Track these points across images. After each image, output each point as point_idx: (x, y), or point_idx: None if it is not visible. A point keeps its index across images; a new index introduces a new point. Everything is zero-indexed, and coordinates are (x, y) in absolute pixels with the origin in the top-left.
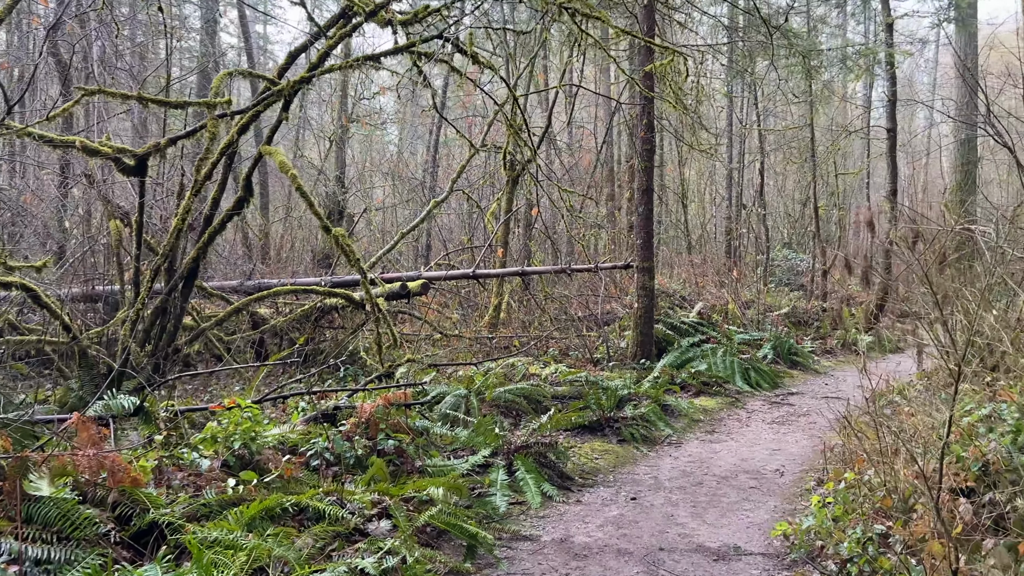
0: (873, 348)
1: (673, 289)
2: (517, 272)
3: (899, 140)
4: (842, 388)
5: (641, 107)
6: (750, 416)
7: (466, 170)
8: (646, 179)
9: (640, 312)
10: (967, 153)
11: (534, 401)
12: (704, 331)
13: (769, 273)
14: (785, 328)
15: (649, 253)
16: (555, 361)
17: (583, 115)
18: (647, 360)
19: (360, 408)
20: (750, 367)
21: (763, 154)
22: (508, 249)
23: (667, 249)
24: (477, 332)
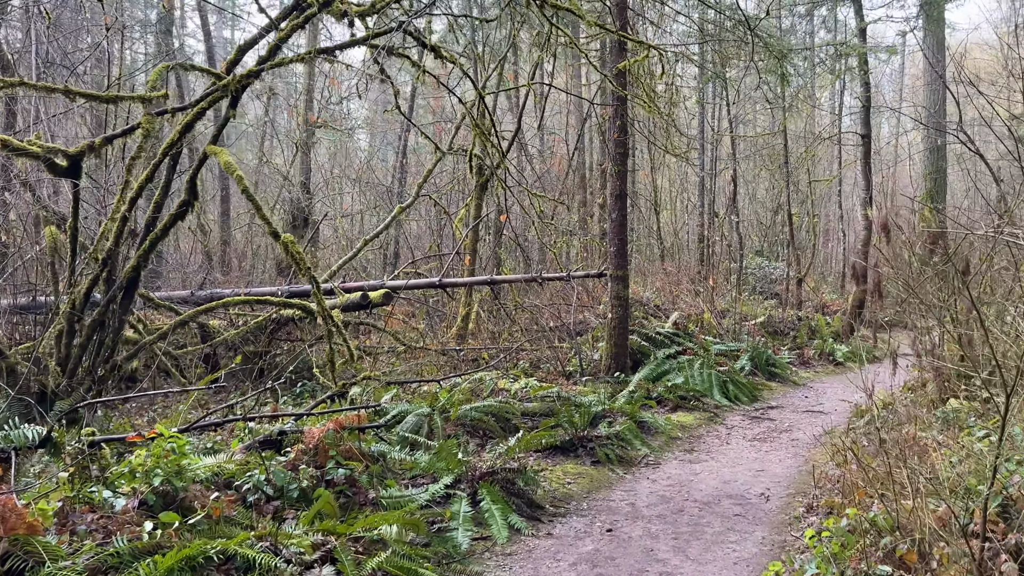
0: (851, 358)
1: (647, 298)
2: (486, 281)
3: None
4: (823, 402)
5: (614, 108)
6: (730, 433)
7: (434, 175)
8: (619, 183)
9: (614, 323)
10: (936, 161)
11: (503, 419)
12: (680, 342)
13: (743, 281)
14: (762, 338)
15: (623, 261)
16: (525, 375)
17: (554, 121)
18: (622, 373)
19: (308, 433)
20: (728, 380)
21: (735, 161)
22: (477, 257)
23: (640, 257)
24: (444, 344)
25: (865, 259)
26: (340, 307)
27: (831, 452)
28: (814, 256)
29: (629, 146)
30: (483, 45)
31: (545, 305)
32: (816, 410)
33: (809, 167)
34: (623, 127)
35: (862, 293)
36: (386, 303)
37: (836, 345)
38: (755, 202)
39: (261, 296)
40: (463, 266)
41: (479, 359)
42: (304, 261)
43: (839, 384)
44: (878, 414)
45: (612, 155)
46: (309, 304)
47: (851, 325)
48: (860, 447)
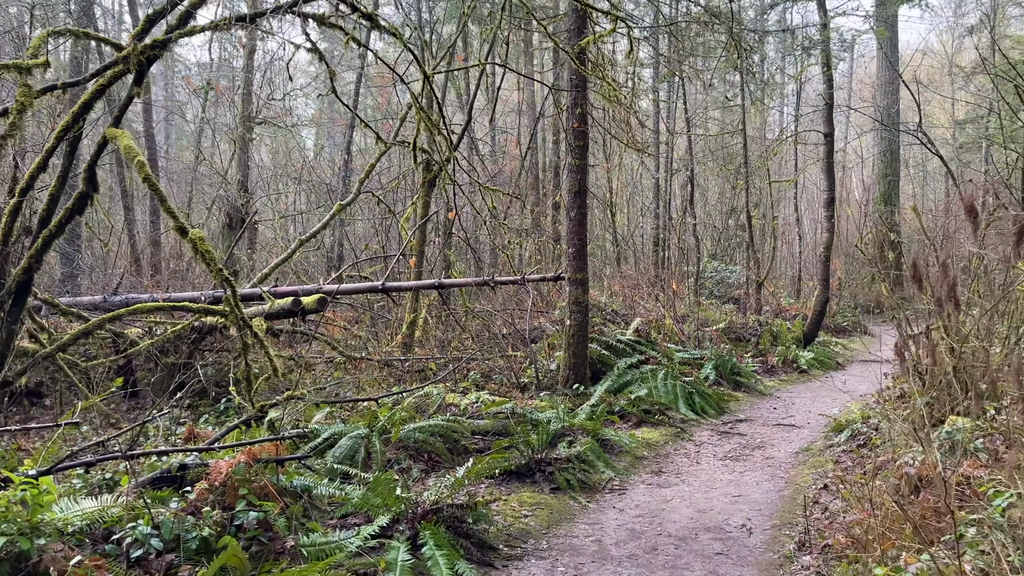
0: (815, 365)
1: (604, 303)
2: (433, 285)
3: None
4: (793, 413)
5: (572, 97)
6: (699, 450)
7: (380, 172)
8: (578, 179)
9: (573, 330)
10: (890, 164)
11: (451, 440)
12: (642, 350)
13: (700, 286)
14: (726, 345)
15: (583, 263)
16: (476, 387)
17: (506, 121)
18: (581, 384)
19: (214, 468)
20: (694, 391)
21: (693, 161)
22: (425, 259)
23: (595, 260)
24: (388, 354)
25: (827, 263)
26: (269, 314)
27: (813, 472)
28: (774, 259)
29: (588, 139)
30: (431, 31)
31: (497, 311)
32: (788, 423)
33: (768, 168)
34: (583, 115)
35: (824, 297)
36: (321, 309)
37: (800, 352)
38: (708, 205)
39: (179, 302)
40: (409, 269)
41: (426, 370)
42: (215, 262)
43: (807, 393)
44: (855, 429)
45: (570, 147)
46: (248, 310)
47: (813, 331)
48: (878, 490)
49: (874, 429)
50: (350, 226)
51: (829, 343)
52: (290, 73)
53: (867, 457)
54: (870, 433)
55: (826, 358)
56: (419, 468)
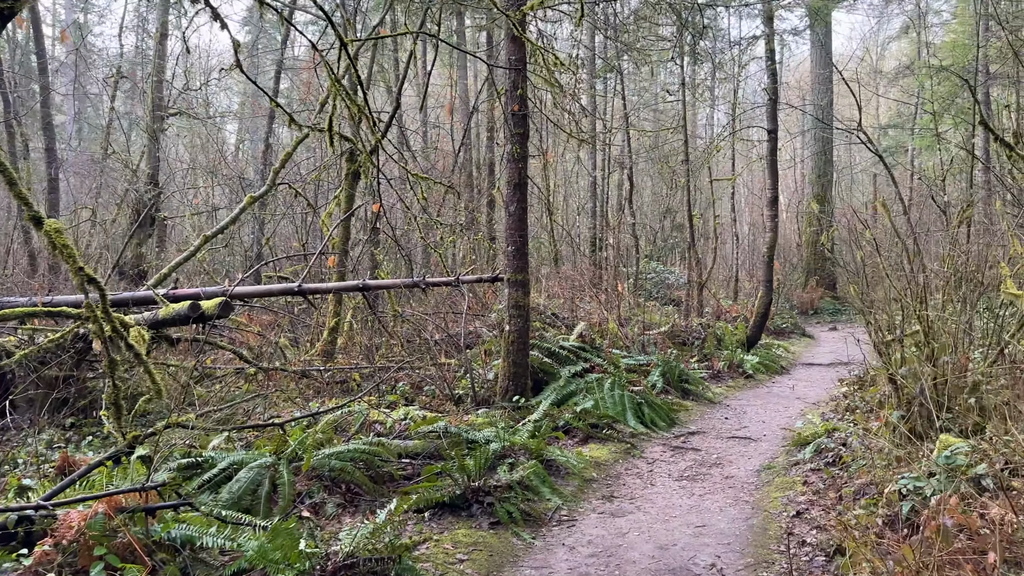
0: (760, 370)
1: (543, 305)
2: (357, 287)
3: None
4: (746, 424)
5: (512, 78)
6: (652, 469)
7: (304, 164)
8: (518, 169)
9: (512, 336)
10: (823, 165)
11: (374, 467)
12: (587, 357)
13: (639, 287)
14: (673, 350)
15: (523, 262)
16: (405, 401)
17: (438, 113)
18: (521, 396)
19: (62, 521)
20: (642, 401)
21: (631, 158)
22: (349, 258)
23: (532, 260)
24: (307, 363)
25: (771, 263)
26: (161, 321)
27: (782, 496)
28: (715, 260)
29: (529, 126)
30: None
31: (429, 315)
32: (743, 436)
33: (710, 165)
34: (523, 98)
35: (768, 299)
36: (224, 314)
37: (745, 356)
38: (644, 205)
39: (59, 306)
40: (332, 269)
41: (349, 381)
42: (76, 259)
43: (757, 401)
44: (820, 444)
45: (510, 134)
46: (125, 316)
47: (756, 333)
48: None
49: (842, 444)
50: (271, 223)
51: (771, 346)
52: (186, 44)
53: (839, 478)
54: (838, 449)
55: (770, 362)
56: (335, 502)
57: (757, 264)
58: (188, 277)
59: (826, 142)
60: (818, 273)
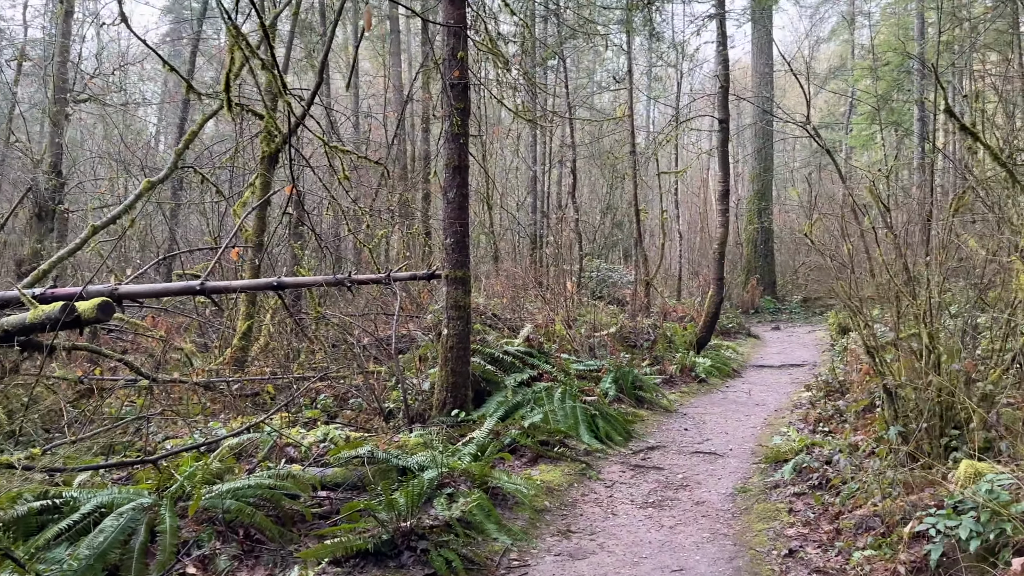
0: (712, 373)
1: (484, 306)
2: (270, 285)
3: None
4: (709, 436)
5: (451, 43)
6: (612, 494)
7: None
8: (459, 149)
9: (452, 341)
10: (762, 163)
11: (281, 506)
12: (535, 364)
13: (583, 286)
14: (625, 354)
15: (464, 257)
16: (328, 417)
17: (370, 103)
18: (461, 410)
19: None
20: (596, 413)
21: (574, 150)
22: (268, 253)
23: (471, 257)
24: (215, 373)
25: (721, 260)
26: (30, 325)
27: (766, 528)
28: (663, 257)
29: (471, 99)
30: None
31: (357, 316)
32: (707, 451)
33: (657, 157)
34: (463, 66)
35: (718, 298)
36: (104, 318)
37: (696, 358)
38: (583, 202)
39: None
40: (246, 264)
41: (261, 394)
42: None
43: (715, 408)
44: (799, 463)
45: (449, 107)
46: None
47: (707, 334)
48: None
49: (826, 463)
50: (184, 216)
51: (720, 347)
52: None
53: (831, 505)
54: (823, 469)
55: (722, 364)
56: (230, 553)
57: (700, 262)
58: (101, 276)
59: (766, 139)
60: (758, 272)
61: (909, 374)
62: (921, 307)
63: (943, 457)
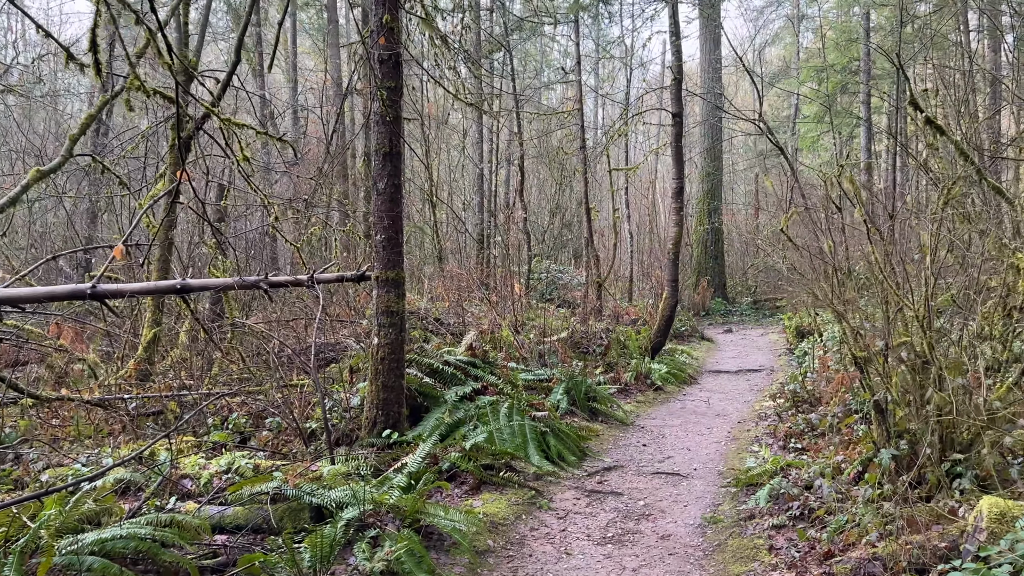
0: (668, 380)
1: (424, 310)
2: (173, 288)
3: (630, 156)
4: (670, 453)
5: (378, 12)
6: (566, 527)
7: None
8: (391, 133)
9: (383, 351)
10: (712, 162)
11: (160, 562)
12: (478, 375)
13: (531, 288)
14: (577, 362)
15: (396, 256)
16: (240, 440)
17: (307, 97)
18: (394, 430)
19: None
20: (547, 429)
21: (522, 146)
22: (175, 251)
23: (414, 258)
24: (116, 387)
25: (676, 260)
26: None
27: (745, 571)
28: (615, 257)
29: (403, 76)
30: None
31: (280, 322)
32: (669, 471)
33: (608, 154)
34: (393, 36)
35: (673, 301)
36: None
37: (652, 364)
38: (531, 202)
39: None
40: (153, 265)
41: (165, 412)
42: None
43: (674, 420)
44: (776, 488)
45: (377, 85)
46: None
47: (661, 339)
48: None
49: (805, 488)
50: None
51: (675, 351)
52: None
53: (819, 543)
54: (804, 496)
55: (678, 370)
56: None
57: (651, 262)
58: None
59: (716, 137)
60: (709, 273)
61: (904, 388)
62: (919, 311)
63: (948, 486)
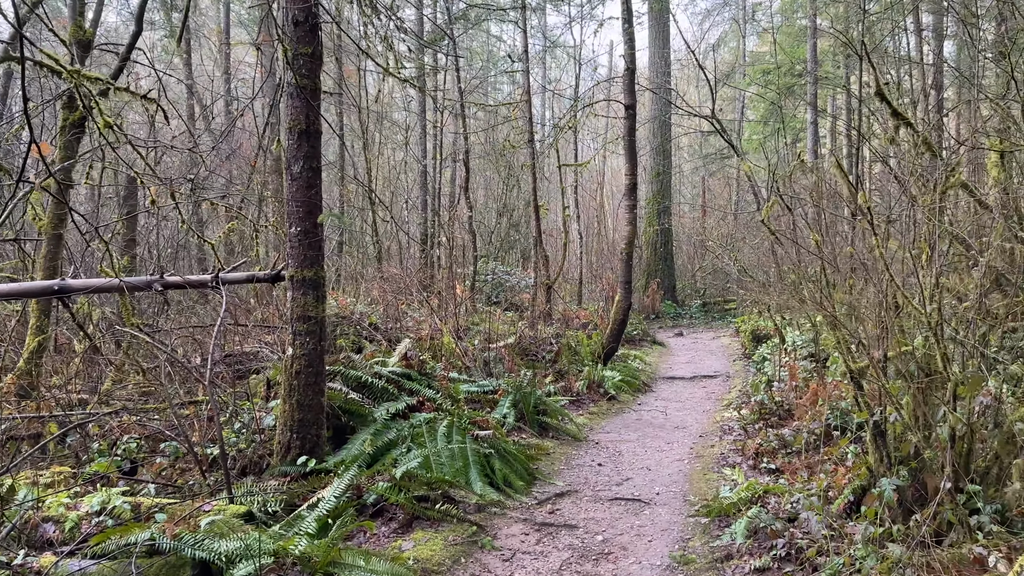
0: (622, 388)
1: (360, 314)
2: (49, 289)
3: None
4: (628, 475)
5: None
6: (512, 572)
7: None
8: (307, 108)
9: (299, 364)
10: (663, 161)
11: None
12: (414, 388)
13: (477, 290)
14: (526, 371)
15: (315, 252)
16: (130, 469)
17: (236, 86)
18: (311, 456)
19: None
20: (492, 451)
21: (467, 140)
22: (65, 247)
23: (352, 260)
24: None
25: (629, 261)
26: None
27: None
28: (565, 257)
29: (321, 42)
30: None
31: (186, 329)
32: (629, 496)
33: (558, 149)
34: None
35: (626, 304)
36: None
37: (604, 371)
38: (478, 201)
39: None
40: (39, 263)
41: (43, 436)
42: None
43: (630, 433)
44: (754, 518)
45: (291, 52)
46: None
47: (614, 344)
48: None
49: (789, 520)
50: None
51: (628, 357)
52: None
53: None
54: (789, 532)
55: (632, 377)
56: None
57: (601, 264)
58: None
59: (666, 135)
60: (659, 275)
61: (910, 406)
62: (932, 317)
63: (968, 526)
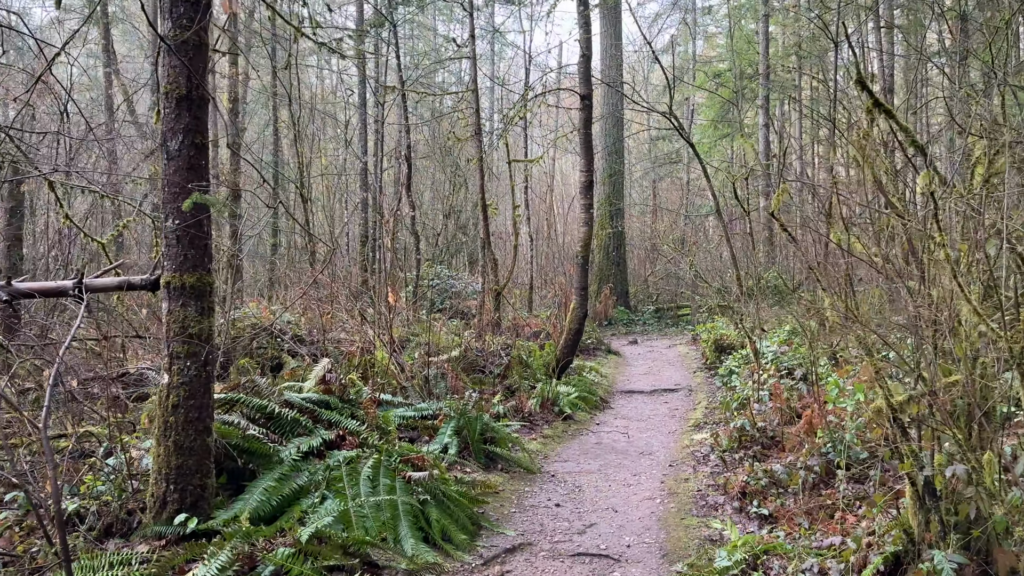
0: (578, 406)
1: (285, 324)
2: None
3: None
4: (591, 520)
5: None
6: None
7: None
8: (186, 70)
9: (177, 395)
10: (614, 164)
11: None
12: (332, 418)
13: (420, 296)
14: (471, 391)
15: (199, 252)
16: None
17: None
18: (193, 513)
19: None
20: (428, 496)
21: (408, 133)
22: None
23: (281, 263)
24: None
25: (585, 265)
26: None
27: None
28: (516, 261)
29: None
30: None
31: (54, 345)
32: (593, 550)
33: (508, 142)
34: None
35: (582, 312)
36: None
37: (559, 387)
38: (424, 203)
39: None
40: None
41: None
42: None
43: (591, 462)
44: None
45: None
46: None
47: (569, 355)
48: None
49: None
50: None
51: (583, 369)
52: None
53: None
54: None
55: (588, 393)
56: None
57: (552, 268)
58: None
59: (619, 134)
60: (611, 280)
61: (962, 452)
62: (1012, 338)
63: None
